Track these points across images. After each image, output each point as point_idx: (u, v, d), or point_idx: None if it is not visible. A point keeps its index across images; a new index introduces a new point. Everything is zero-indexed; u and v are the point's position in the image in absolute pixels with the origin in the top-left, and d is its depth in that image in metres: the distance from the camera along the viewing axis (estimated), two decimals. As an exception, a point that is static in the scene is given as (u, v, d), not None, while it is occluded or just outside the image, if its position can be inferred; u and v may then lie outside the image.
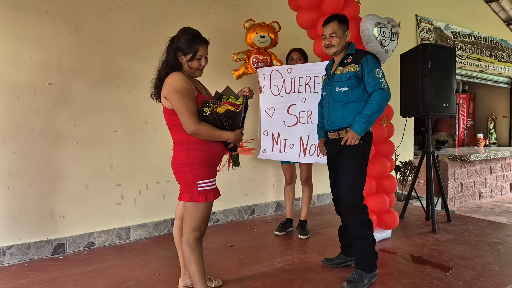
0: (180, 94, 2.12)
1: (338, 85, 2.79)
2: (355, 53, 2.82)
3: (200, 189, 2.20)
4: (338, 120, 2.80)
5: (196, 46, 2.24)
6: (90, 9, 3.55)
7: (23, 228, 3.28)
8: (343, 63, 2.81)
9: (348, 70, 2.75)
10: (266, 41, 3.67)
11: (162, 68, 2.25)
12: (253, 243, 3.64)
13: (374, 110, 2.65)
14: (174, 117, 2.21)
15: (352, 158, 2.74)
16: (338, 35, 2.78)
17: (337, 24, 2.78)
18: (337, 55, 2.86)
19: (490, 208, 6.64)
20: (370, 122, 2.68)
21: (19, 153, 3.26)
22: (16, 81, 3.23)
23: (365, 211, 2.74)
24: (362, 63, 2.71)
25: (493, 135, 9.09)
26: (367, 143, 2.77)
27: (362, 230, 2.71)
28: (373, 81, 2.67)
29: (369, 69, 2.69)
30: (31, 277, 2.96)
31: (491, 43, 7.98)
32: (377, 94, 2.66)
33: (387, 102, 2.70)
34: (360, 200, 2.74)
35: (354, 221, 2.72)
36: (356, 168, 2.74)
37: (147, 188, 3.90)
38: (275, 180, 4.82)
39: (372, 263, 2.72)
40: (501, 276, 2.79)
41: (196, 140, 2.20)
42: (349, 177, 2.74)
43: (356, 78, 2.73)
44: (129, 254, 3.40)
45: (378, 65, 2.76)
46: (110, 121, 3.67)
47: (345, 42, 2.81)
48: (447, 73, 4.10)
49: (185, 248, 2.26)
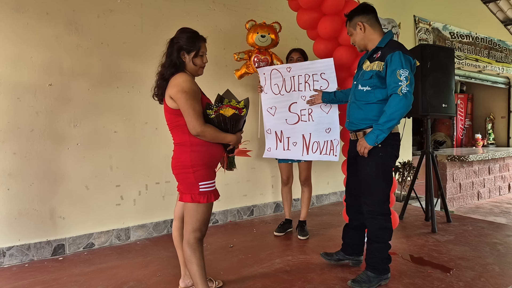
0: (188, 95, 2.14)
1: (361, 83, 2.62)
2: (383, 47, 2.56)
3: (202, 190, 2.22)
4: (357, 120, 2.65)
5: (198, 43, 2.29)
6: (90, 10, 3.55)
7: (23, 229, 3.28)
8: (372, 57, 2.61)
9: (372, 67, 2.54)
10: (267, 40, 3.69)
11: (166, 68, 2.25)
12: (252, 243, 3.64)
13: (386, 118, 2.43)
14: (178, 118, 2.22)
15: (369, 162, 2.60)
16: (351, 33, 2.70)
17: (348, 24, 2.71)
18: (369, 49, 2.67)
19: (489, 208, 6.66)
20: (383, 131, 2.45)
21: (20, 154, 3.25)
22: (16, 82, 3.22)
23: (386, 217, 2.63)
24: (387, 61, 2.46)
25: (491, 135, 9.12)
26: (388, 145, 2.56)
27: (379, 236, 2.63)
28: (392, 83, 2.42)
29: (392, 69, 2.43)
30: (32, 278, 2.95)
31: (489, 44, 8.01)
32: (391, 100, 2.42)
33: (404, 110, 2.40)
34: (381, 206, 2.61)
35: (374, 225, 2.63)
36: (375, 173, 2.59)
37: (146, 188, 3.89)
38: (274, 180, 4.82)
39: (383, 266, 2.65)
40: (502, 277, 2.80)
41: (199, 141, 2.22)
42: (368, 182, 2.63)
43: (379, 78, 2.51)
44: (129, 255, 3.40)
45: (406, 64, 2.43)
46: (110, 122, 3.67)
47: (362, 35, 2.62)
48: (446, 74, 4.12)
49: (186, 248, 2.27)
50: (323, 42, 3.55)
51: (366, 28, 2.62)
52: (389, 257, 2.68)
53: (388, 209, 2.65)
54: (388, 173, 2.64)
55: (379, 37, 2.62)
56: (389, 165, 2.62)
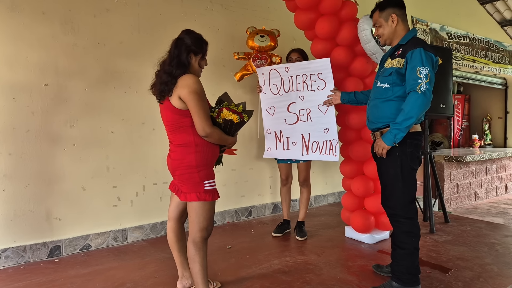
0: (199, 97, 2.17)
1: (380, 80, 2.54)
2: (405, 44, 2.47)
3: (206, 188, 2.26)
4: (375, 119, 2.56)
5: (205, 45, 2.36)
6: (86, 9, 3.52)
7: (18, 230, 3.25)
8: (393, 54, 2.52)
9: (392, 64, 2.45)
10: (266, 40, 3.78)
11: (175, 67, 2.21)
12: (250, 244, 3.62)
13: (403, 116, 2.32)
14: (184, 119, 2.23)
15: (387, 163, 2.50)
16: (379, 24, 2.56)
17: (377, 13, 2.56)
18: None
19: (486, 209, 6.65)
20: (401, 130, 2.34)
21: (15, 154, 3.22)
22: (12, 82, 3.20)
23: (410, 221, 2.46)
24: (407, 58, 2.37)
25: (488, 136, 9.12)
26: (407, 145, 2.43)
27: (403, 241, 2.46)
28: (411, 80, 2.32)
29: (412, 65, 2.33)
30: (28, 280, 2.92)
31: (486, 45, 8.02)
32: (409, 98, 2.32)
33: (422, 108, 2.30)
34: (403, 208, 2.47)
35: (397, 229, 2.50)
36: (394, 174, 2.47)
37: (143, 189, 3.87)
38: (272, 181, 4.80)
39: (409, 277, 2.44)
40: (500, 277, 2.79)
41: (203, 142, 2.26)
42: (387, 184, 2.54)
43: (398, 75, 2.42)
44: (126, 256, 3.37)
45: (427, 61, 2.32)
46: (107, 122, 3.65)
47: (393, 29, 2.52)
48: (443, 74, 4.11)
49: (190, 247, 2.28)
50: (321, 43, 3.54)
51: (398, 22, 2.52)
52: (416, 267, 2.47)
53: (412, 213, 2.49)
54: (410, 175, 2.48)
55: (404, 34, 2.54)
56: (409, 166, 2.47)
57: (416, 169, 2.53)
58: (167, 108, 2.27)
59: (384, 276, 2.80)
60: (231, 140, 2.40)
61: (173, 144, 2.32)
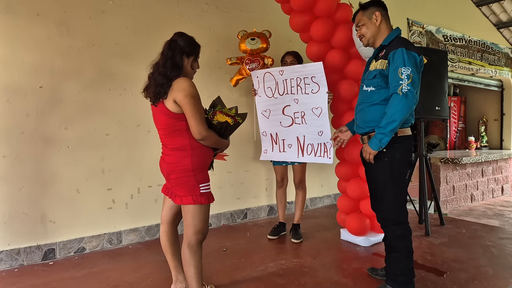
0: (195, 100, 2.17)
1: (366, 83, 2.50)
2: (388, 45, 2.42)
3: (202, 191, 2.26)
4: (363, 123, 2.53)
5: (198, 48, 2.36)
6: (81, 11, 3.51)
7: (12, 233, 3.23)
8: (377, 56, 2.47)
9: (376, 66, 2.40)
10: (257, 42, 3.78)
11: (169, 69, 2.20)
12: (246, 247, 3.61)
13: (386, 120, 2.26)
14: (179, 122, 2.22)
15: (376, 168, 2.46)
16: (363, 22, 2.51)
17: (361, 13, 2.53)
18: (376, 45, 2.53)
19: (482, 211, 6.67)
20: (385, 134, 2.28)
21: (9, 156, 3.21)
22: (6, 83, 3.18)
23: (401, 225, 2.44)
24: (389, 59, 2.31)
25: (484, 138, 9.15)
26: (395, 149, 2.39)
27: (396, 245, 2.45)
28: (394, 81, 2.26)
29: (394, 66, 2.27)
30: (21, 283, 2.91)
31: (482, 47, 8.05)
32: (392, 100, 2.26)
33: (406, 110, 2.23)
34: (393, 213, 2.45)
35: (389, 234, 2.48)
36: (383, 179, 2.44)
37: (138, 192, 3.86)
38: (268, 183, 4.79)
39: (403, 279, 2.42)
40: (495, 279, 2.79)
41: (198, 145, 2.26)
42: (376, 189, 2.52)
43: (382, 77, 2.36)
44: (121, 259, 3.36)
45: (409, 61, 2.25)
46: (102, 125, 3.63)
47: (376, 28, 2.47)
48: (439, 76, 4.12)
49: (185, 250, 2.27)
50: (316, 45, 3.55)
51: (381, 21, 2.48)
52: (411, 270, 2.45)
53: (403, 217, 2.46)
54: (400, 179, 2.45)
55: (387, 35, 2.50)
56: (398, 170, 2.43)
57: (407, 172, 2.51)
58: (161, 112, 2.24)
59: (379, 279, 2.79)
60: (226, 143, 2.42)
61: (168, 147, 2.30)
